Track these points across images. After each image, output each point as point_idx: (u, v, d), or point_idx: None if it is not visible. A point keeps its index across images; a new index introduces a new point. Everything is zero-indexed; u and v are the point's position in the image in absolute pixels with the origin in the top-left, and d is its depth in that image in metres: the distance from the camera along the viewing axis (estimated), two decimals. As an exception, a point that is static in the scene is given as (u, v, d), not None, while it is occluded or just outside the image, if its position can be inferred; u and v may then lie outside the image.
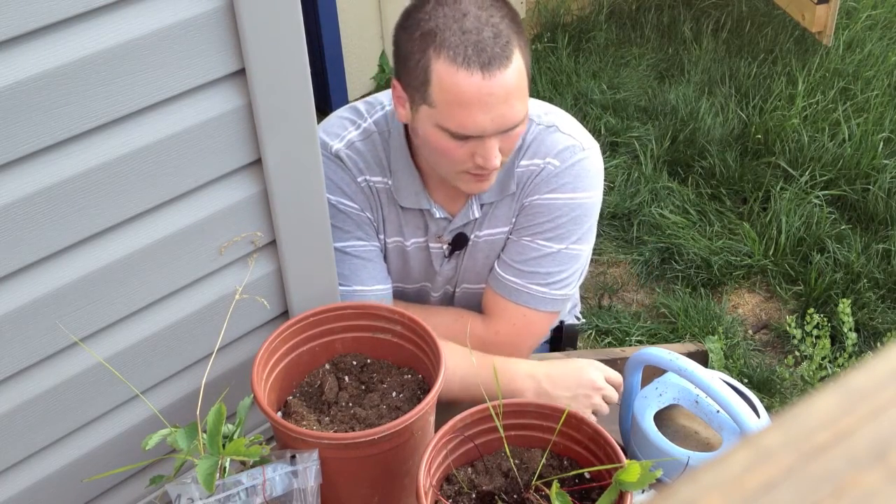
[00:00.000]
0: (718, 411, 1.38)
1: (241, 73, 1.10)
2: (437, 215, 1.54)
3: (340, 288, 1.52)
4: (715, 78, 3.68)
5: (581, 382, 1.48)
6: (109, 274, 1.11)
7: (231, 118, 1.12)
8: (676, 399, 1.43)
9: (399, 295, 1.65)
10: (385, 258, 1.59)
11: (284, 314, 1.33)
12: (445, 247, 1.59)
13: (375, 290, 1.54)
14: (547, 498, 1.08)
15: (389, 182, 1.52)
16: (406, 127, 1.49)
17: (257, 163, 1.18)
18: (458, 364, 1.43)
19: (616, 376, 1.50)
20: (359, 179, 1.51)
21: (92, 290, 1.11)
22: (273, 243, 1.26)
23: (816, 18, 3.61)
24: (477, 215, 1.55)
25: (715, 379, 1.36)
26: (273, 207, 1.21)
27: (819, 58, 3.66)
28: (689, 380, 1.39)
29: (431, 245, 1.59)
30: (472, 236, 1.58)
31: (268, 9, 1.07)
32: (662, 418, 1.43)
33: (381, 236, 1.57)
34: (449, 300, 1.70)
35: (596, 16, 4.04)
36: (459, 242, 1.58)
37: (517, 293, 1.56)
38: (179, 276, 1.18)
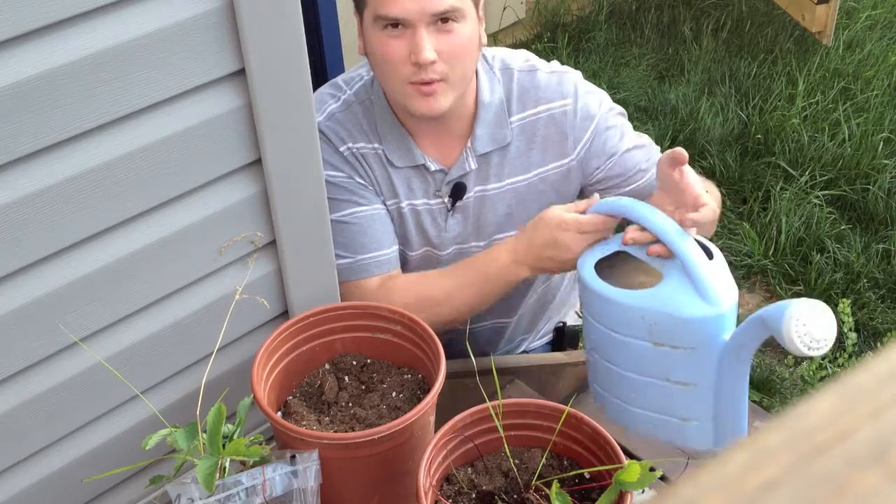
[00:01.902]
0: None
1: (241, 73, 1.10)
2: (433, 168, 1.56)
3: (344, 261, 1.52)
4: (715, 78, 3.68)
5: (553, 242, 1.45)
6: (109, 274, 1.11)
7: (231, 118, 1.12)
8: (622, 247, 1.38)
9: (402, 263, 1.65)
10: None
11: (284, 314, 1.33)
12: (447, 199, 1.60)
13: (378, 255, 1.56)
14: (547, 498, 1.08)
15: (376, 146, 1.54)
16: (386, 95, 1.52)
17: (257, 163, 1.18)
18: (468, 282, 1.53)
19: (583, 220, 1.44)
20: (342, 149, 1.54)
21: (92, 290, 1.11)
22: (273, 243, 1.26)
23: (816, 18, 3.61)
24: (473, 166, 1.57)
25: (667, 220, 1.32)
26: (273, 207, 1.21)
27: (819, 58, 3.66)
28: (644, 225, 1.34)
29: (432, 202, 1.59)
30: (489, 187, 1.59)
31: (268, 9, 1.07)
32: (606, 269, 1.39)
33: (381, 198, 1.58)
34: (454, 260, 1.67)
35: (596, 16, 4.04)
36: (459, 193, 1.59)
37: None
38: (179, 276, 1.18)
